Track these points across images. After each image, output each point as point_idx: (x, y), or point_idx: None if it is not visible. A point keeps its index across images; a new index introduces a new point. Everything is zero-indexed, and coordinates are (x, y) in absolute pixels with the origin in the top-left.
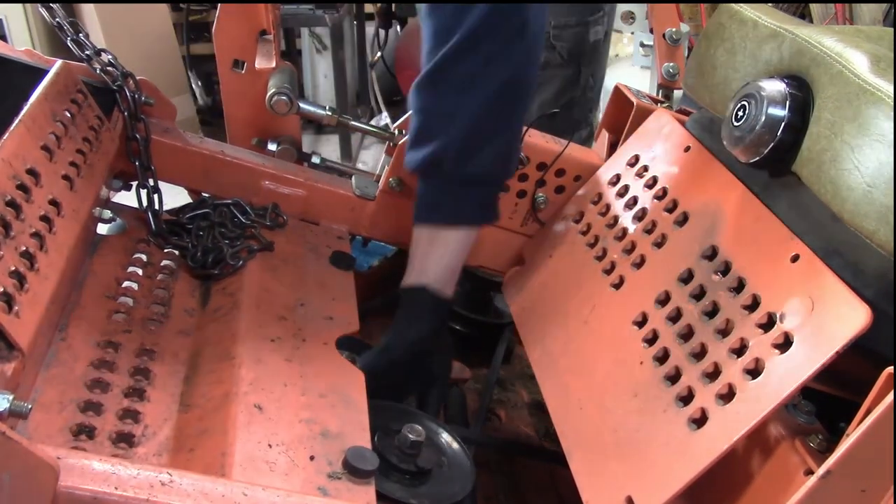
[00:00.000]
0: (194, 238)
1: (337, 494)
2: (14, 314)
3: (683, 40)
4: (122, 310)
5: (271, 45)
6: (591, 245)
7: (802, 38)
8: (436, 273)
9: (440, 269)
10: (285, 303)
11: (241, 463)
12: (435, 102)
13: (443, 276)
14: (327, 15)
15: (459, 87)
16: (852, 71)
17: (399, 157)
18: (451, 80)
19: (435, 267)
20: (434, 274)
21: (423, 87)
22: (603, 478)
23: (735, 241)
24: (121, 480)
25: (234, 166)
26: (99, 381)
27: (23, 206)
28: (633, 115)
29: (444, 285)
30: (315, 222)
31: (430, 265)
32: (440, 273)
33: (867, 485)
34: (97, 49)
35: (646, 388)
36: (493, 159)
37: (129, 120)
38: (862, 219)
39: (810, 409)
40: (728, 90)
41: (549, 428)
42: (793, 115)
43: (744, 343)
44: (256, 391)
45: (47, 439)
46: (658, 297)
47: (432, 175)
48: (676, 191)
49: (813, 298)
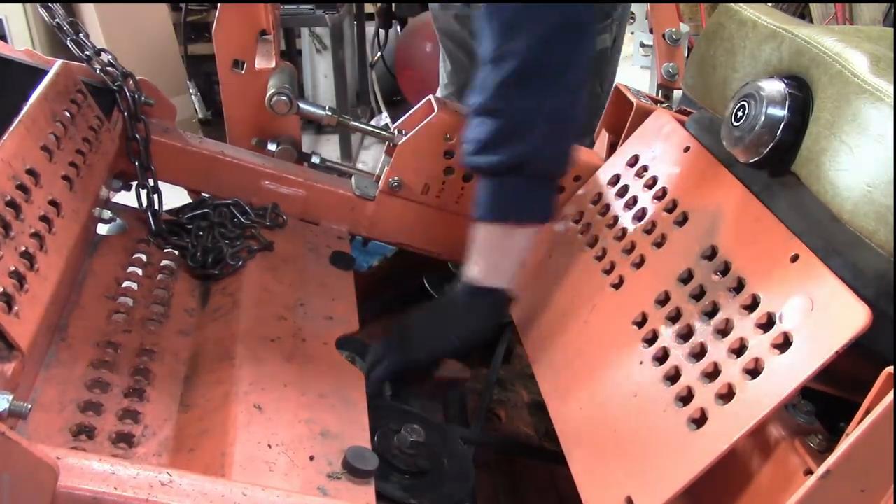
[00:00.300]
0: (194, 238)
1: (337, 494)
2: (14, 314)
3: (683, 40)
4: (122, 310)
5: (271, 45)
6: (590, 245)
7: (802, 39)
8: (509, 273)
9: (511, 269)
10: (285, 303)
11: (240, 463)
12: (519, 101)
13: (512, 275)
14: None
15: (546, 82)
16: (852, 71)
17: (399, 157)
18: (537, 75)
19: (508, 267)
20: (507, 274)
21: (506, 88)
22: (603, 478)
23: (735, 241)
24: (120, 480)
25: (234, 166)
26: (99, 381)
27: (23, 206)
28: (632, 115)
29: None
30: (315, 222)
31: (505, 265)
32: (511, 272)
33: (867, 485)
34: (97, 49)
35: (645, 388)
36: (569, 152)
37: (129, 120)
38: (861, 219)
39: (810, 409)
40: (728, 90)
41: (549, 428)
42: (792, 115)
43: (743, 343)
44: (256, 391)
45: (47, 439)
46: (658, 297)
47: (513, 175)
48: (676, 191)
49: (813, 298)
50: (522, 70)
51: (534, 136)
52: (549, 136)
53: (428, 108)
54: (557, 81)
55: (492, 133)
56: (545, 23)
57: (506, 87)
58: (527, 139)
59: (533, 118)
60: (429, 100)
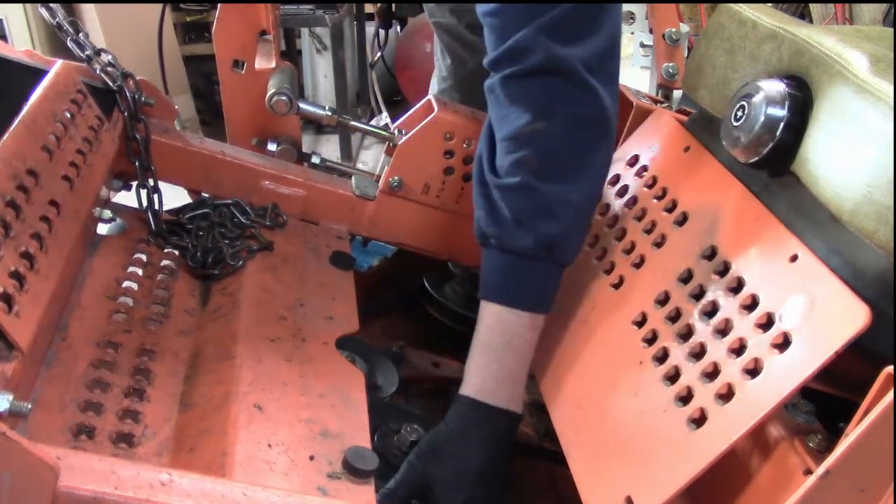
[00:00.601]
0: (194, 238)
1: (337, 494)
2: (14, 314)
3: (683, 40)
4: (122, 310)
5: (271, 45)
6: (590, 245)
7: (802, 39)
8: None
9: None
10: (285, 303)
11: (241, 463)
12: (547, 185)
13: (517, 392)
14: (327, 15)
15: (574, 169)
16: (852, 71)
17: (399, 157)
18: (566, 161)
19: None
20: (509, 391)
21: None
22: (603, 478)
23: (734, 241)
24: (121, 480)
25: (234, 166)
26: (99, 381)
27: (23, 206)
28: (632, 115)
29: (518, 402)
30: (315, 222)
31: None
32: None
33: (866, 485)
34: (97, 49)
35: (645, 387)
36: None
37: (129, 120)
38: (861, 219)
39: (810, 408)
40: (728, 90)
41: (549, 428)
42: (792, 115)
43: (743, 343)
44: (256, 391)
45: (47, 439)
46: (657, 296)
47: (542, 258)
48: (676, 191)
49: (812, 298)
50: (554, 152)
51: (564, 218)
52: (579, 218)
53: (428, 107)
54: (586, 166)
55: (519, 210)
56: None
57: (538, 165)
58: (557, 220)
59: (566, 199)
60: (429, 100)
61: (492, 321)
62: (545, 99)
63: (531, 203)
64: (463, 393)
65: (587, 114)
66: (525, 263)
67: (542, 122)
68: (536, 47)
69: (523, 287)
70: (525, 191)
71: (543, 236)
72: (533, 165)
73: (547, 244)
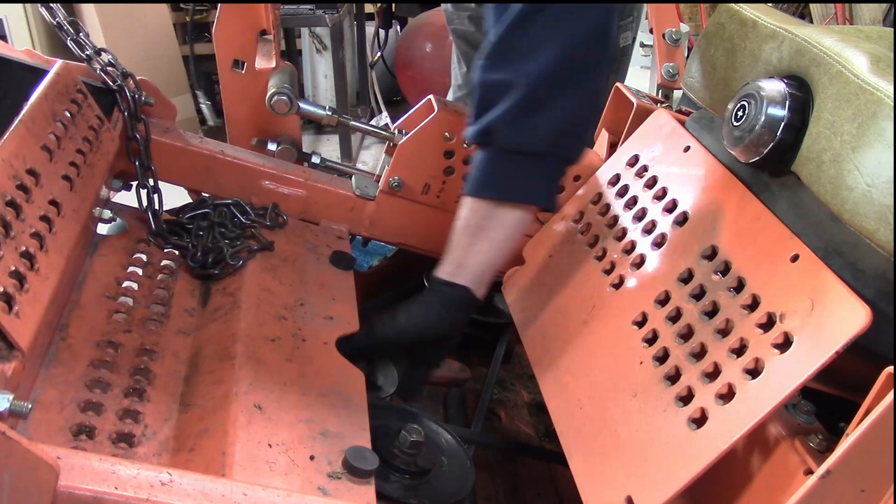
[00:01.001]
0: (194, 238)
1: (337, 494)
2: (14, 314)
3: (683, 40)
4: (122, 310)
5: (271, 45)
6: (590, 245)
7: (802, 38)
8: (474, 271)
9: (479, 267)
10: (285, 303)
11: (241, 463)
12: (493, 74)
13: (480, 277)
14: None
15: (520, 55)
16: (852, 71)
17: (399, 157)
18: (512, 48)
19: (475, 263)
20: (473, 272)
21: (484, 60)
22: (603, 478)
23: (735, 241)
24: (121, 480)
25: (234, 166)
26: (99, 381)
27: (23, 206)
28: (632, 115)
29: (479, 285)
30: (315, 222)
31: (471, 260)
32: (478, 272)
33: (867, 485)
34: (97, 49)
35: (646, 387)
36: (552, 131)
37: (129, 120)
38: (862, 218)
39: (810, 408)
40: (728, 90)
41: (549, 428)
42: (792, 115)
43: (743, 343)
44: (256, 391)
45: (47, 439)
46: (658, 296)
47: (486, 144)
48: (676, 191)
49: (813, 298)
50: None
51: (501, 104)
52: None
53: (428, 108)
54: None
55: (474, 106)
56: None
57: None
58: (495, 107)
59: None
60: (429, 100)
61: (462, 210)
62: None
63: (481, 95)
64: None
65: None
66: (480, 155)
67: (508, 10)
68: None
69: (477, 175)
70: (477, 86)
71: (483, 124)
72: (489, 56)
73: (486, 131)
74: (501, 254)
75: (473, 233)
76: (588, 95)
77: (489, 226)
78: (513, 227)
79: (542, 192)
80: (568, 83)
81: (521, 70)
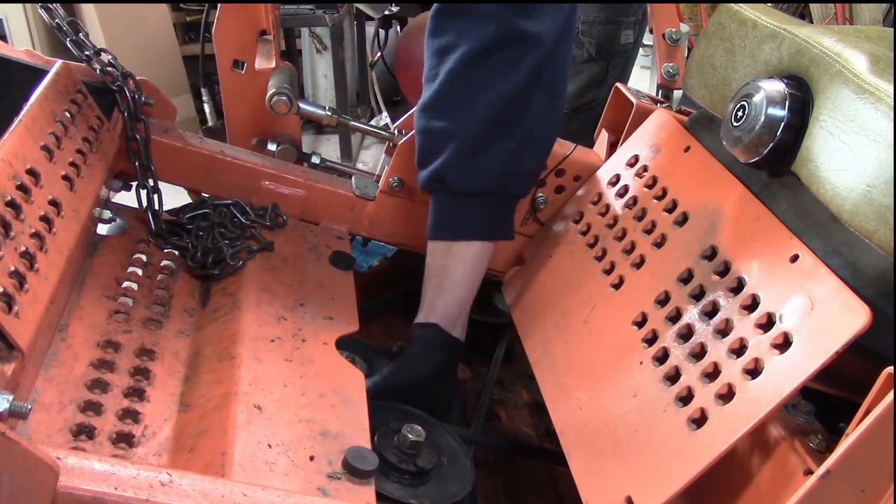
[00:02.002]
0: (194, 238)
1: (337, 494)
2: (14, 314)
3: (683, 40)
4: (122, 310)
5: (271, 45)
6: (590, 245)
7: (802, 39)
8: (444, 309)
9: (448, 305)
10: (285, 303)
11: (240, 463)
12: (435, 123)
13: (450, 313)
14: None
15: (456, 106)
16: (852, 71)
17: (399, 157)
18: (449, 100)
19: (443, 303)
20: (442, 310)
21: (424, 110)
22: (603, 478)
23: (735, 241)
24: (120, 480)
25: (234, 166)
26: (99, 381)
27: (23, 206)
28: (632, 115)
29: (453, 323)
30: (315, 222)
31: (439, 301)
32: (448, 309)
33: (867, 485)
34: (97, 49)
35: (645, 387)
36: (494, 173)
37: (129, 120)
38: (861, 219)
39: (810, 409)
40: (728, 90)
41: (549, 428)
42: (792, 115)
43: (743, 343)
44: (256, 391)
45: (47, 439)
46: (658, 297)
47: (438, 190)
48: (676, 191)
49: (812, 298)
50: (436, 94)
51: (446, 152)
52: (462, 152)
53: None
54: (469, 102)
55: (418, 152)
56: (472, 45)
57: (424, 110)
58: (441, 155)
59: (445, 136)
60: None
61: (427, 255)
62: (449, 38)
63: (424, 142)
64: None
65: (478, 49)
66: (433, 200)
67: (442, 65)
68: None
69: (433, 219)
70: (420, 134)
71: (432, 170)
72: (427, 107)
73: (436, 177)
74: (467, 290)
75: (437, 274)
76: (527, 136)
77: (450, 264)
78: (472, 262)
79: (493, 226)
80: (505, 128)
81: (459, 119)
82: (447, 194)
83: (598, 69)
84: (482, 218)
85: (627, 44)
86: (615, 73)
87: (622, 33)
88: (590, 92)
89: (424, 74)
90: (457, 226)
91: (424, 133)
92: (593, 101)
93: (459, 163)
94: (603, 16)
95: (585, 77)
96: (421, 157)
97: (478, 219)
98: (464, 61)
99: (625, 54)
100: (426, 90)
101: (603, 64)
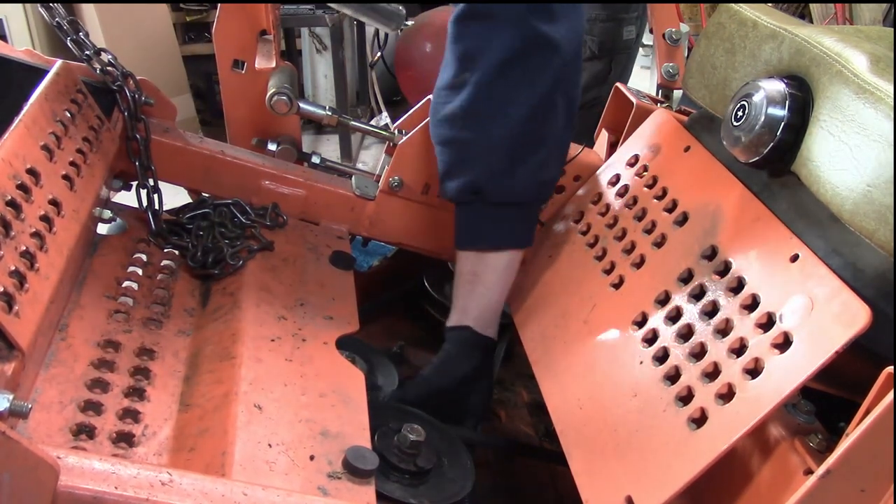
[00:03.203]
0: (194, 238)
1: (337, 494)
2: (14, 314)
3: (683, 40)
4: (122, 310)
5: (271, 45)
6: (590, 245)
7: (802, 38)
8: (477, 313)
9: (482, 309)
10: (285, 302)
11: (241, 462)
12: (466, 133)
13: (484, 316)
14: (327, 15)
15: (490, 117)
16: (852, 71)
17: (399, 157)
18: (482, 111)
19: (477, 307)
20: (475, 313)
21: (452, 120)
22: (603, 477)
23: (735, 241)
24: (121, 480)
25: (234, 166)
26: (99, 380)
27: (23, 206)
28: (632, 115)
29: (487, 325)
30: (315, 222)
31: (472, 304)
32: (481, 313)
33: (867, 484)
34: (97, 49)
35: (645, 387)
36: (531, 182)
37: (129, 120)
38: (861, 218)
39: (810, 408)
40: (728, 90)
41: (549, 428)
42: (792, 114)
43: (743, 343)
44: (256, 391)
45: (47, 439)
46: (658, 296)
47: (471, 202)
48: (676, 191)
49: (812, 298)
50: (467, 104)
51: (482, 163)
52: (499, 164)
53: (428, 108)
54: (502, 110)
55: (448, 163)
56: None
57: (454, 120)
58: (476, 166)
59: (480, 147)
60: (429, 100)
61: (457, 262)
62: (473, 44)
63: (454, 153)
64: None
65: (505, 57)
66: (465, 210)
67: (468, 73)
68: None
69: (466, 228)
70: (448, 144)
71: (466, 183)
72: (458, 118)
73: (472, 189)
74: (499, 293)
75: (470, 280)
76: (554, 143)
77: (482, 271)
78: (504, 269)
79: (525, 235)
80: (536, 136)
81: (493, 129)
82: (481, 205)
83: (601, 66)
84: (515, 227)
85: (630, 40)
86: (618, 69)
87: (624, 29)
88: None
89: (445, 81)
90: (491, 236)
91: (453, 143)
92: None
93: (499, 174)
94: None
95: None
96: (449, 167)
97: (512, 228)
98: (493, 71)
99: (627, 50)
100: (450, 98)
101: (606, 61)
